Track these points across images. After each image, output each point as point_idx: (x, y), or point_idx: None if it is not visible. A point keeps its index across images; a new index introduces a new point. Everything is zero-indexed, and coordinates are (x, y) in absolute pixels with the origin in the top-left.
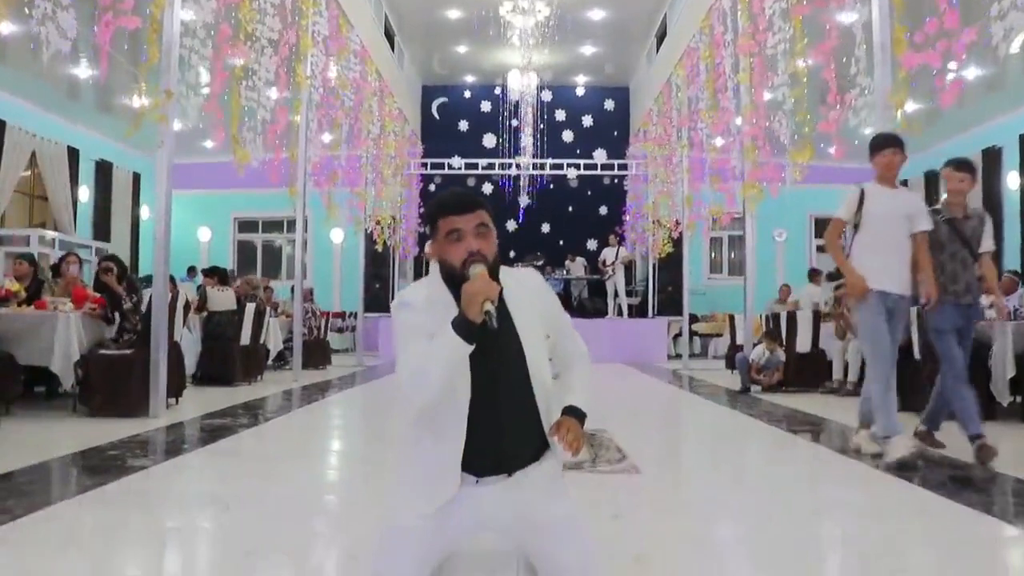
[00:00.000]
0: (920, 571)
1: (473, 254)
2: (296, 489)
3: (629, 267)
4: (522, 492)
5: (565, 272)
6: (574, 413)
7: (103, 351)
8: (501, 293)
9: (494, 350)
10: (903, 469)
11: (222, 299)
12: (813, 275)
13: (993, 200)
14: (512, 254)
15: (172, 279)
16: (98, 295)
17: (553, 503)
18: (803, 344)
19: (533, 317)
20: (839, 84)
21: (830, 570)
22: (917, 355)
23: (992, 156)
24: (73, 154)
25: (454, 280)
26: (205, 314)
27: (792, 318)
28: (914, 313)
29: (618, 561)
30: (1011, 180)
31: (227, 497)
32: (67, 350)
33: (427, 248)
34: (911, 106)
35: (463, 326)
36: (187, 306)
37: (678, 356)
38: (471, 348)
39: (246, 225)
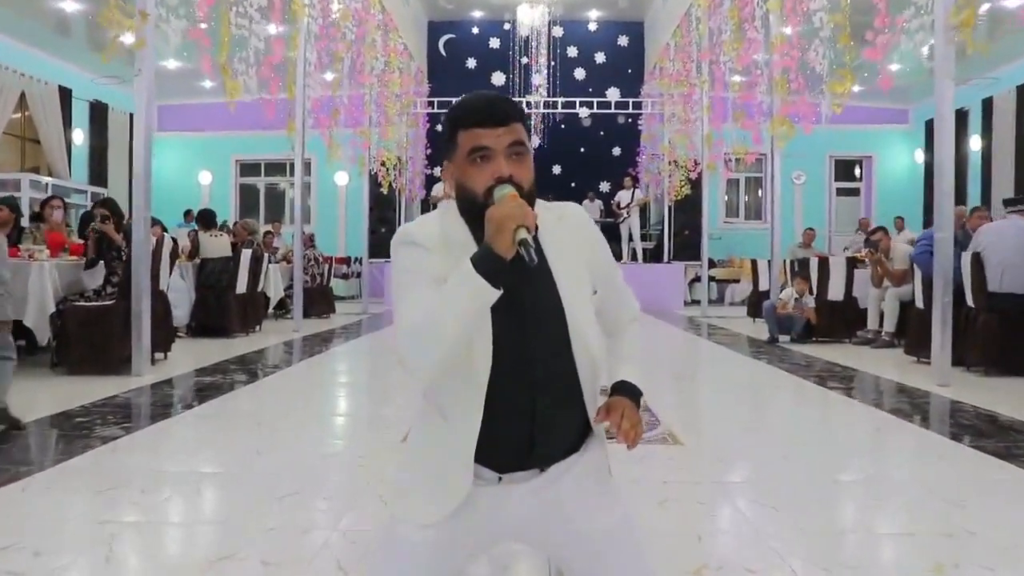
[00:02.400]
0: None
1: (502, 180)
2: (294, 461)
3: (644, 210)
4: (559, 492)
5: None
6: (628, 392)
7: (80, 302)
8: (536, 231)
9: (524, 304)
10: None
11: (215, 245)
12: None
13: None
14: None
15: (159, 223)
16: (77, 242)
17: (599, 506)
18: (835, 292)
19: (577, 265)
20: (889, 4)
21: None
22: (970, 302)
23: None
24: (65, 95)
25: (475, 214)
26: (198, 261)
27: (824, 264)
28: (966, 259)
29: (673, 570)
30: None
31: (210, 476)
32: (41, 302)
33: (441, 179)
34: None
35: (488, 261)
36: (174, 252)
37: (695, 302)
38: (498, 294)
39: (248, 168)
